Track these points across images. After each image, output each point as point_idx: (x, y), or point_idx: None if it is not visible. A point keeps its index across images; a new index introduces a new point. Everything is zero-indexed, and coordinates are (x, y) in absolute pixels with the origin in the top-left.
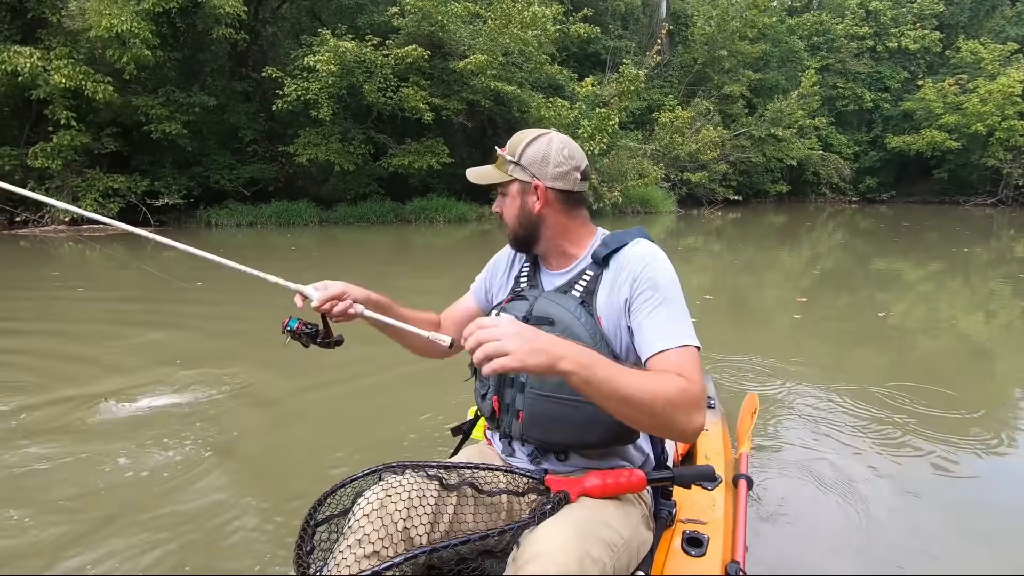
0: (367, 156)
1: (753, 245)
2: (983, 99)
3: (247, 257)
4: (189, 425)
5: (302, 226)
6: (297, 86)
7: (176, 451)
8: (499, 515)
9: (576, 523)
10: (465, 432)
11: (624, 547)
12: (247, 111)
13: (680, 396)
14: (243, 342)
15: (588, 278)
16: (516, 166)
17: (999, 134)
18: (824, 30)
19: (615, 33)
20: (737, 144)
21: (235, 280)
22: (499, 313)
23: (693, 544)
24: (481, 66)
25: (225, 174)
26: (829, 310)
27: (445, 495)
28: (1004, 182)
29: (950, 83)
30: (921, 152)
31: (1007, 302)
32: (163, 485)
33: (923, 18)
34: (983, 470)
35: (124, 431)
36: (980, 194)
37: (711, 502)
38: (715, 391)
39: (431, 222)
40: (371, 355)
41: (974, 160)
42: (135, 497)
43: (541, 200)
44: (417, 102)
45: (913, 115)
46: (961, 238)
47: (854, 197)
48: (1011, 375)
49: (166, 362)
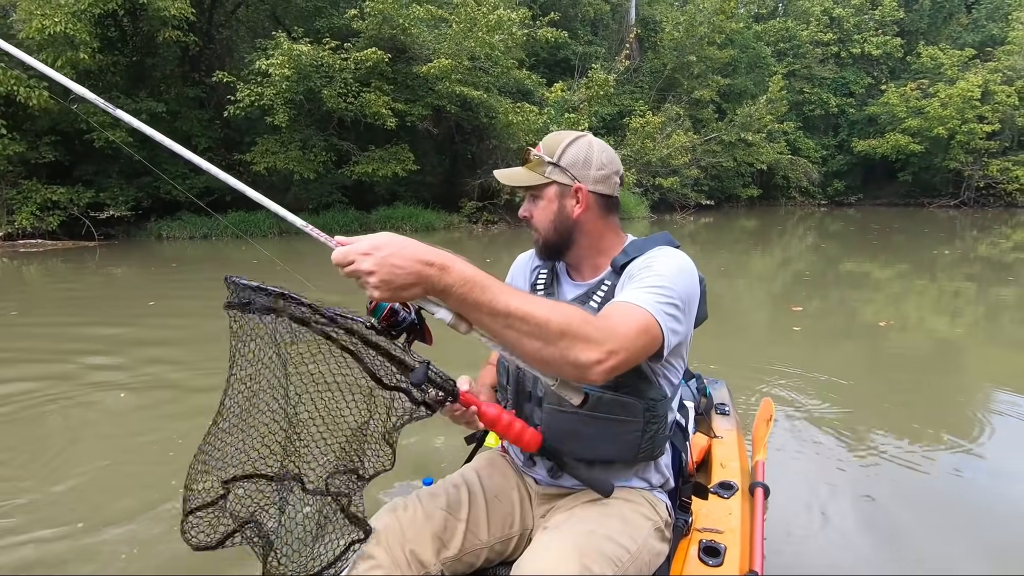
0: (329, 164)
1: (727, 249)
2: (944, 103)
3: (202, 271)
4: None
5: (260, 237)
6: (250, 91)
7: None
8: (512, 524)
9: (576, 538)
10: (479, 439)
11: (632, 561)
12: (201, 118)
13: (581, 325)
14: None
15: (607, 287)
16: (556, 168)
17: (959, 137)
18: (790, 36)
19: (585, 39)
20: (708, 149)
21: (193, 297)
22: None
23: (710, 554)
24: (445, 70)
25: (177, 184)
26: (824, 317)
27: (455, 512)
28: (965, 184)
29: (912, 88)
30: (886, 155)
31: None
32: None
33: (884, 25)
34: (1006, 472)
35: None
36: (943, 196)
37: (728, 511)
38: (730, 398)
39: (397, 231)
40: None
41: (936, 163)
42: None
43: (582, 204)
44: (379, 108)
45: (877, 119)
46: (933, 240)
47: (823, 200)
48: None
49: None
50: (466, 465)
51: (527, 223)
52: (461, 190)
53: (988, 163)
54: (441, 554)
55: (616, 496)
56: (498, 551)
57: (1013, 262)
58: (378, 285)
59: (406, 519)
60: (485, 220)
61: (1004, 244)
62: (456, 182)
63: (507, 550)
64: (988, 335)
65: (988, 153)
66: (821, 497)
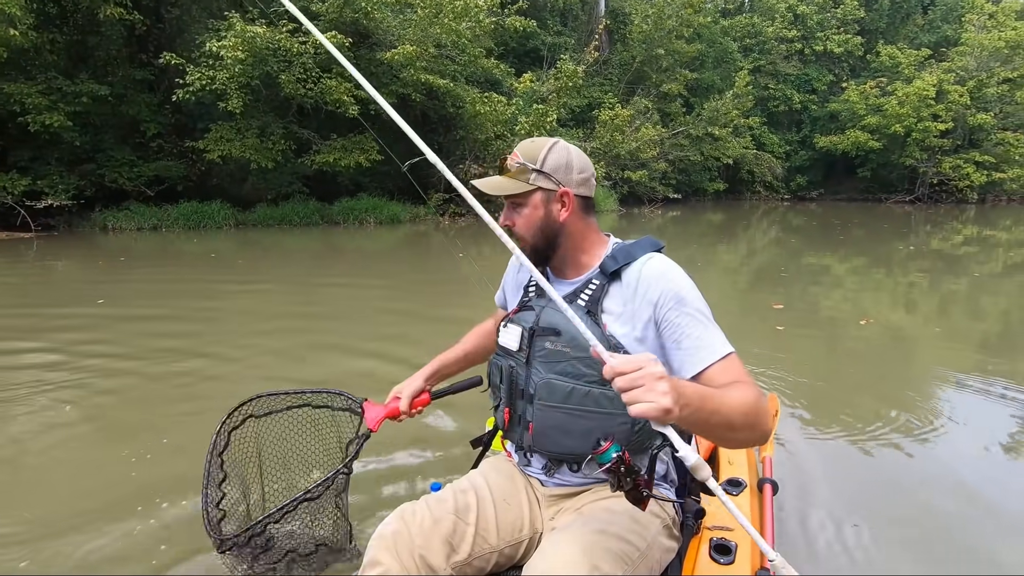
0: (288, 153)
1: (695, 243)
2: (901, 101)
3: (153, 264)
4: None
5: (215, 229)
6: (202, 74)
7: None
8: (521, 528)
9: (584, 538)
10: (485, 443)
11: (641, 559)
12: (149, 102)
13: (759, 401)
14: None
15: (594, 287)
16: (539, 174)
17: (915, 135)
18: (756, 32)
19: (554, 29)
20: (676, 143)
21: (146, 295)
22: (507, 325)
23: (721, 552)
24: (410, 57)
25: (124, 172)
26: (805, 314)
27: (463, 516)
28: (920, 180)
29: (871, 86)
30: (846, 151)
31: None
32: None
33: (846, 23)
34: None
35: None
36: (899, 192)
37: (737, 508)
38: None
39: (361, 224)
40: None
41: (894, 159)
42: None
43: (568, 208)
44: (341, 95)
45: (839, 116)
46: (895, 235)
47: (786, 195)
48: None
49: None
50: (474, 470)
51: (509, 231)
52: (428, 182)
53: (941, 160)
54: (451, 559)
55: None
56: (508, 555)
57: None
58: (669, 407)
59: (415, 524)
60: (452, 212)
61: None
62: (423, 173)
63: (517, 554)
64: (967, 332)
65: (941, 151)
66: (828, 493)
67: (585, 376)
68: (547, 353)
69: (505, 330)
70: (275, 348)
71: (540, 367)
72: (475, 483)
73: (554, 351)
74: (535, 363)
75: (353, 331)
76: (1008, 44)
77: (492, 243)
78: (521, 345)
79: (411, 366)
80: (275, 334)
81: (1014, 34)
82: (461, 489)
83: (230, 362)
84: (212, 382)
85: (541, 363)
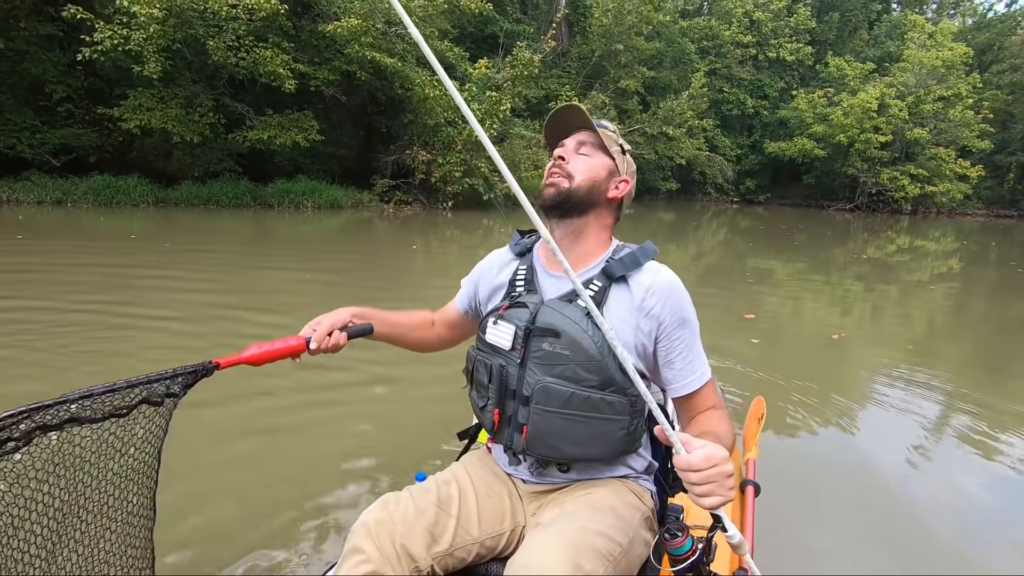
0: (218, 127)
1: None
2: (846, 112)
3: (58, 247)
4: None
5: (131, 207)
6: (113, 32)
7: None
8: (503, 521)
9: (568, 536)
10: (471, 436)
11: (623, 555)
12: (56, 61)
13: (731, 426)
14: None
15: (596, 289)
16: (623, 153)
17: (858, 145)
18: (713, 35)
19: (513, 16)
20: (631, 140)
21: (49, 283)
22: (496, 322)
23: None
24: (355, 32)
25: (24, 138)
26: (778, 324)
27: (445, 507)
28: (860, 189)
29: (819, 95)
30: (793, 158)
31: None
32: None
33: (798, 32)
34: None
35: None
36: (840, 199)
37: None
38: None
39: (297, 207)
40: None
41: (836, 168)
42: None
43: (620, 193)
44: (276, 67)
45: (788, 123)
46: (839, 241)
47: (735, 197)
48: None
49: None
50: (457, 462)
51: (558, 166)
52: (374, 166)
53: (880, 171)
54: (432, 549)
55: (603, 486)
56: (489, 547)
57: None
58: (732, 498)
59: (398, 513)
60: (398, 200)
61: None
62: (370, 157)
63: (498, 546)
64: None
65: (880, 162)
66: (809, 495)
67: (585, 381)
68: (544, 355)
69: (495, 327)
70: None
71: (536, 369)
72: (457, 475)
73: (552, 353)
74: (531, 364)
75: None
76: (944, 63)
77: (440, 235)
78: (515, 344)
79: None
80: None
81: (950, 54)
82: (444, 480)
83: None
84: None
85: (537, 365)
